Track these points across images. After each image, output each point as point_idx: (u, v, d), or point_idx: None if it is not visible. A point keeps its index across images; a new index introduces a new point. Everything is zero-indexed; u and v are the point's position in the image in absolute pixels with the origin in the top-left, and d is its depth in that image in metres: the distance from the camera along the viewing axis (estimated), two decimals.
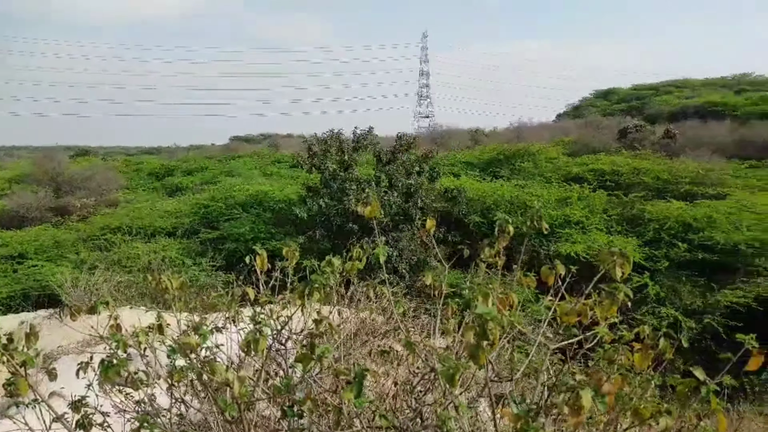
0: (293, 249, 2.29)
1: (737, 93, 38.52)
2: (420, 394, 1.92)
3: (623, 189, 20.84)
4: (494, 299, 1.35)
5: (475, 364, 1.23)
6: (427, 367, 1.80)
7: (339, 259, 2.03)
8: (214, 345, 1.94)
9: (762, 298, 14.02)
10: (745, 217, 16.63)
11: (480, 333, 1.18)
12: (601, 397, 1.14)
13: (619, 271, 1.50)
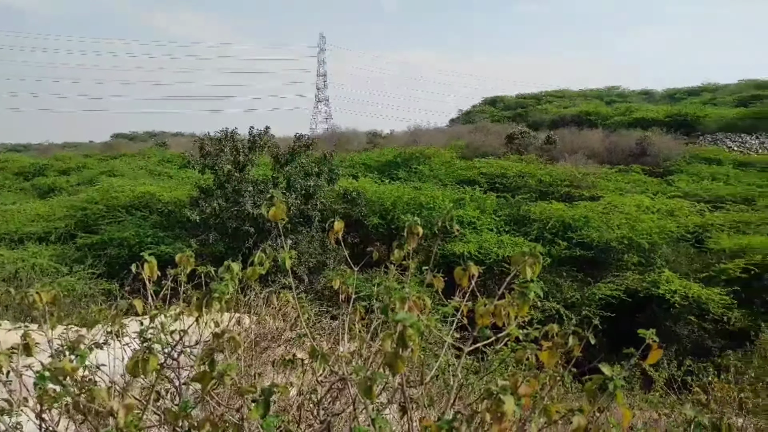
0: (188, 255, 2.10)
1: (608, 104, 42.66)
2: (327, 404, 1.84)
3: (511, 191, 22.17)
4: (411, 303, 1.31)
5: (393, 373, 1.18)
6: (335, 376, 1.73)
7: (238, 265, 1.89)
8: (94, 365, 1.71)
9: (630, 290, 15.57)
10: (616, 217, 18.34)
11: (399, 340, 1.13)
12: (518, 400, 1.14)
13: (530, 270, 1.53)
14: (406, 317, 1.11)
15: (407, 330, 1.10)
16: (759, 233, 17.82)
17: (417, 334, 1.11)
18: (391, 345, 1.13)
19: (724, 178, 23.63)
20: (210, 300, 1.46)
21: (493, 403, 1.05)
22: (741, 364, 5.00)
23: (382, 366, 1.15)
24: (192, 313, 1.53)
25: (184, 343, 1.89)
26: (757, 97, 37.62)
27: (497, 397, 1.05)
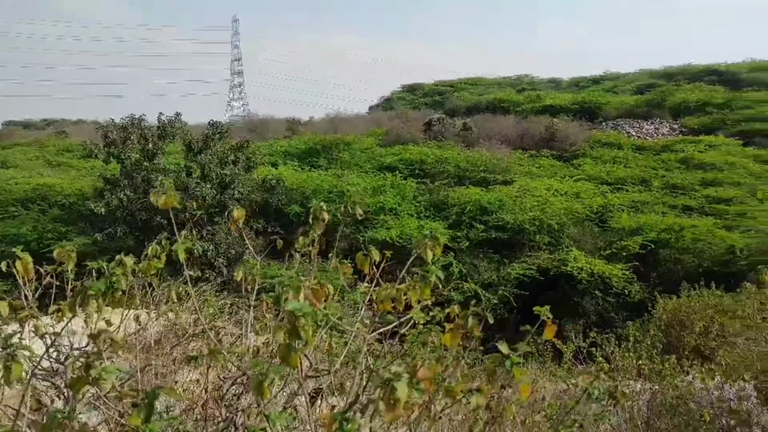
0: (68, 250, 1.91)
1: (519, 91, 44.47)
2: (233, 400, 1.75)
3: (430, 177, 22.61)
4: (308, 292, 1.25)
5: (287, 366, 1.11)
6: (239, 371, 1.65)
7: (132, 258, 1.74)
8: None
9: (542, 268, 16.43)
10: (528, 200, 19.22)
11: (292, 331, 1.07)
12: (417, 384, 1.11)
13: (431, 253, 1.52)
14: (297, 307, 1.05)
15: (300, 320, 1.04)
16: (654, 212, 19.36)
17: (311, 325, 1.06)
18: (284, 337, 1.08)
19: (624, 161, 25.35)
20: (86, 298, 1.32)
21: (387, 390, 1.02)
22: (638, 333, 5.41)
23: None
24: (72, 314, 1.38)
25: (72, 346, 1.72)
26: (651, 86, 40.71)
27: (390, 384, 1.02)
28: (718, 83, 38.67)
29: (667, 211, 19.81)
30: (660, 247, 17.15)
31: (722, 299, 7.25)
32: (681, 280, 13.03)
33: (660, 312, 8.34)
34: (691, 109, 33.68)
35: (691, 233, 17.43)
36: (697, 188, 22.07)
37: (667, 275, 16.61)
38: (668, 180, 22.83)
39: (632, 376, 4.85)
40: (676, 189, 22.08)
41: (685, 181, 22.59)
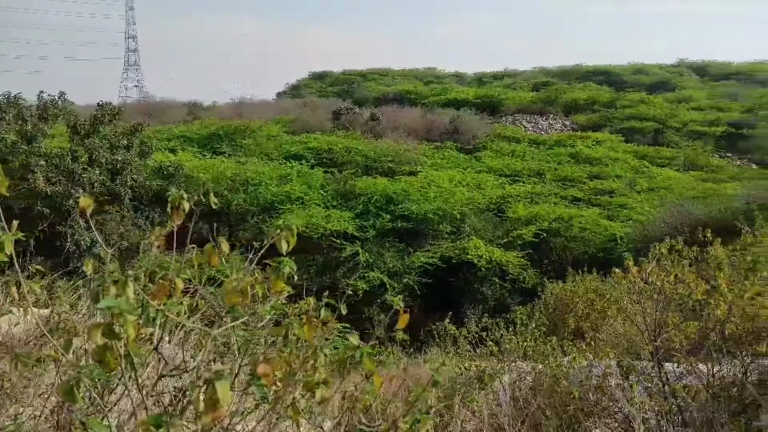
0: None
1: (426, 84, 45.51)
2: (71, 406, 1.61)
3: (338, 166, 22.55)
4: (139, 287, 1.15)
5: (105, 369, 1.02)
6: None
7: None
8: None
9: (445, 257, 16.99)
10: (432, 191, 19.74)
11: (108, 332, 0.98)
12: (258, 380, 1.07)
13: (285, 244, 1.46)
14: (112, 304, 0.96)
15: (119, 318, 0.95)
16: (547, 202, 20.65)
17: (132, 324, 0.97)
18: (98, 336, 0.98)
19: (521, 154, 26.76)
20: None
21: (208, 389, 0.96)
22: (525, 317, 5.74)
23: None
24: None
25: None
26: (546, 84, 43.34)
27: (211, 384, 0.97)
28: (605, 83, 41.91)
29: (558, 201, 21.20)
30: (552, 235, 18.31)
31: (602, 284, 7.89)
32: (569, 266, 14.01)
33: (547, 296, 8.92)
34: (581, 107, 36.24)
35: (578, 223, 18.74)
36: (584, 181, 23.82)
37: (557, 262, 17.78)
38: (560, 173, 24.42)
39: (519, 358, 5.10)
40: (566, 181, 23.69)
41: (575, 174, 24.29)
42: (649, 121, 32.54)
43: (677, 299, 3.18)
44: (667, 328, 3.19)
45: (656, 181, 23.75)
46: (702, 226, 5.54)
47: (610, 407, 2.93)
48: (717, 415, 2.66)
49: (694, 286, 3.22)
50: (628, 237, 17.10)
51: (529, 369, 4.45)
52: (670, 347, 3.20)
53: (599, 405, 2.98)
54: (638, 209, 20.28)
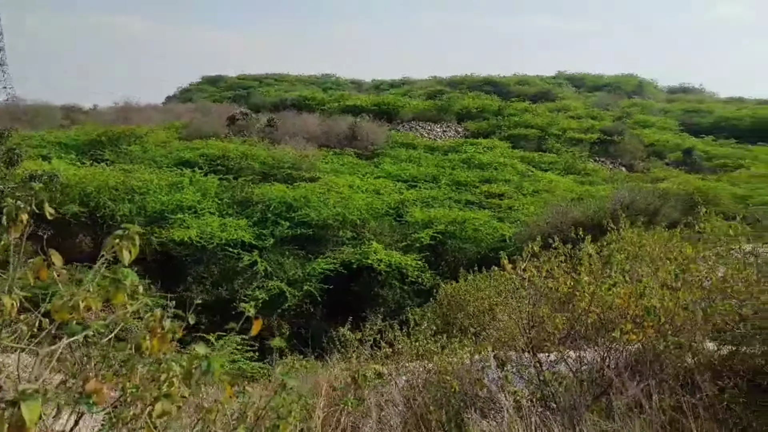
0: None
1: (324, 90, 45.54)
2: None
3: (233, 173, 21.84)
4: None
5: None
6: None
7: None
8: None
9: (346, 262, 17.04)
10: (332, 197, 19.75)
11: None
12: (88, 398, 1.01)
13: (126, 254, 1.39)
14: None
15: None
16: (442, 206, 21.46)
17: None
18: None
19: (418, 160, 27.58)
20: None
21: (12, 411, 0.90)
22: (417, 317, 5.92)
23: None
24: None
25: None
26: (440, 92, 45.13)
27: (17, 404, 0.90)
28: (493, 93, 44.44)
29: (453, 205, 22.10)
30: (447, 237, 19.02)
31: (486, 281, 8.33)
32: (463, 266, 14.63)
33: (441, 296, 9.26)
34: (472, 115, 38.12)
35: (472, 225, 19.65)
36: (477, 185, 25.06)
37: (453, 262, 18.49)
38: (454, 177, 25.49)
39: (412, 358, 5.23)
40: (460, 185, 24.79)
41: (468, 179, 25.47)
42: (533, 129, 34.95)
43: (547, 293, 3.45)
44: (539, 320, 3.45)
45: (540, 184, 25.51)
46: (578, 225, 6.05)
47: (487, 398, 3.11)
48: (581, 399, 2.92)
49: (562, 280, 3.50)
50: (516, 236, 18.18)
51: (421, 369, 4.58)
52: (543, 338, 3.46)
53: (478, 396, 3.16)
54: (525, 210, 21.67)
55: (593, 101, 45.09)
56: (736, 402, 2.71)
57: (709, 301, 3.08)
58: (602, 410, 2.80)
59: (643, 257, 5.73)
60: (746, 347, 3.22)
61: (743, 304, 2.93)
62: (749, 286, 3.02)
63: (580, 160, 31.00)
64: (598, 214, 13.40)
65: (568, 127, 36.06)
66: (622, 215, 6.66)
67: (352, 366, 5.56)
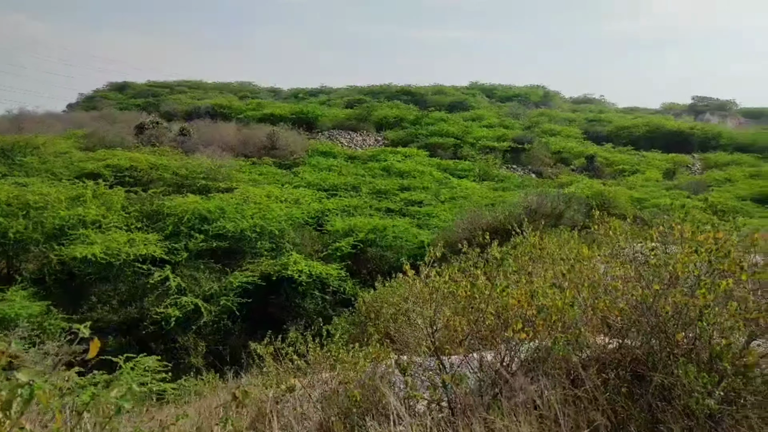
0: None
1: (241, 98, 44.45)
2: None
3: (142, 185, 20.73)
4: None
5: None
6: None
7: None
8: None
9: (265, 274, 16.64)
10: (249, 208, 19.23)
11: None
12: None
13: None
14: None
15: None
16: (363, 215, 21.57)
17: None
18: None
19: (338, 169, 27.58)
20: None
21: None
22: (331, 328, 5.87)
23: None
24: None
25: None
26: (359, 101, 45.47)
27: None
28: (411, 102, 45.37)
29: (373, 213, 22.28)
30: (368, 245, 19.13)
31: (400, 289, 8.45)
32: (384, 273, 14.75)
33: (359, 304, 9.27)
34: (391, 124, 38.70)
35: (392, 232, 19.89)
36: (396, 193, 25.44)
37: (374, 270, 18.61)
38: (374, 186, 25.72)
39: (324, 368, 5.17)
40: (380, 194, 25.05)
41: (388, 187, 25.79)
42: (449, 137, 36.01)
43: (448, 296, 3.53)
44: (442, 323, 3.53)
45: (456, 191, 26.32)
46: (490, 229, 6.27)
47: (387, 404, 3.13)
48: (479, 400, 3.01)
49: (464, 283, 3.60)
50: (433, 242, 18.60)
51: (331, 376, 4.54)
52: (446, 341, 3.54)
53: (379, 403, 3.17)
54: (442, 217, 22.25)
55: (505, 111, 47.21)
56: (618, 392, 2.91)
57: (593, 298, 3.29)
58: (499, 409, 2.90)
59: (543, 258, 6.02)
60: (629, 340, 3.46)
61: (620, 300, 3.15)
62: (627, 282, 3.26)
63: (493, 167, 32.29)
64: (508, 219, 13.98)
65: (482, 135, 37.49)
66: (525, 219, 6.97)
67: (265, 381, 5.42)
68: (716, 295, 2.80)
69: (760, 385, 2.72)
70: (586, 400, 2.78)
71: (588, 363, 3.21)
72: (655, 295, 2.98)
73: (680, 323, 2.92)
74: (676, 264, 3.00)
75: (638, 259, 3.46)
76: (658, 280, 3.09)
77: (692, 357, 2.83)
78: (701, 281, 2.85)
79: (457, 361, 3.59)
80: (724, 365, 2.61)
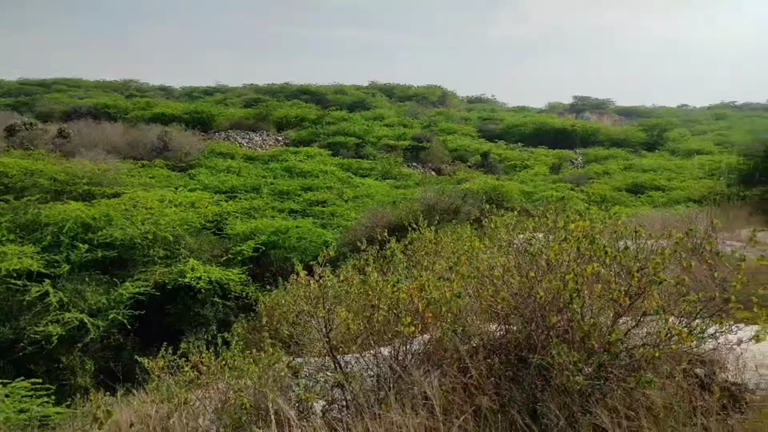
0: None
1: (127, 97, 41.60)
2: None
3: (15, 193, 18.80)
4: None
5: None
6: None
7: None
8: None
9: (159, 283, 15.70)
10: (140, 213, 18.05)
11: None
12: None
13: None
14: None
15: None
16: (264, 216, 21.05)
17: None
18: None
19: (237, 170, 26.73)
20: None
21: None
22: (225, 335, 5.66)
23: None
24: None
25: None
26: (257, 100, 44.37)
27: None
28: (311, 102, 45.05)
29: (276, 215, 21.82)
30: (271, 248, 18.71)
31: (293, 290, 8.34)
32: (289, 275, 14.50)
33: (261, 308, 9.01)
34: (292, 123, 38.16)
35: (296, 233, 19.60)
36: (299, 193, 25.12)
37: (278, 272, 18.24)
38: (276, 187, 25.22)
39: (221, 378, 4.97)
40: (282, 194, 24.61)
41: (290, 187, 25.40)
42: (351, 137, 36.18)
43: (341, 295, 3.53)
44: (337, 322, 3.51)
45: (359, 190, 26.51)
46: (392, 227, 6.34)
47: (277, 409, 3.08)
48: (374, 395, 3.04)
49: (356, 281, 3.60)
50: (338, 242, 18.59)
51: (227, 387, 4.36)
52: (341, 340, 3.54)
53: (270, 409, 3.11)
54: (346, 216, 22.30)
55: (404, 110, 48.29)
56: (503, 376, 3.06)
57: (478, 288, 3.45)
58: (393, 403, 2.94)
59: (440, 253, 6.21)
60: (514, 326, 3.65)
61: (502, 288, 3.33)
62: (506, 272, 3.45)
63: (395, 165, 32.89)
64: (408, 216, 14.29)
65: (383, 134, 38.06)
66: (421, 216, 7.15)
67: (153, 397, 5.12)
68: (584, 279, 3.03)
69: (625, 359, 2.98)
70: (473, 386, 2.90)
71: (476, 351, 3.34)
72: (531, 282, 3.18)
73: (555, 307, 3.13)
74: (549, 252, 3.22)
75: (519, 249, 3.67)
76: (536, 268, 3.30)
77: (567, 338, 3.05)
78: (570, 267, 3.07)
79: (353, 360, 3.59)
80: (592, 343, 2.84)
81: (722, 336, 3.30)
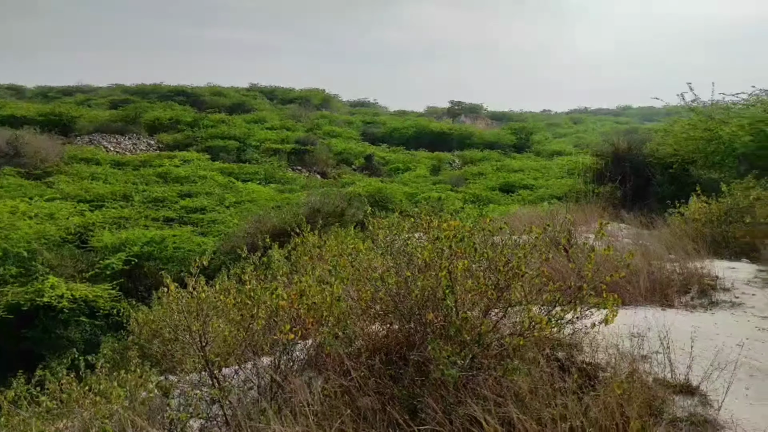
0: None
1: None
2: None
3: None
4: None
5: None
6: None
7: None
8: None
9: (12, 305, 14.00)
10: None
11: None
12: None
13: None
14: None
15: None
16: (137, 226, 19.58)
17: None
18: None
19: (104, 177, 24.64)
20: None
21: None
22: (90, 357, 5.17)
23: None
24: None
25: None
26: (126, 101, 41.17)
27: None
28: (186, 104, 42.78)
29: (149, 224, 20.38)
30: (145, 259, 17.47)
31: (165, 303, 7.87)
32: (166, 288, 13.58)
33: (133, 325, 8.36)
34: (165, 126, 35.94)
35: (172, 243, 18.47)
36: (176, 200, 23.68)
37: (154, 285, 17.05)
38: (149, 194, 23.57)
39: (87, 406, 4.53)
40: (156, 202, 23.05)
41: (165, 194, 23.86)
42: (231, 140, 34.89)
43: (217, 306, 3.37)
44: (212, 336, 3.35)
45: (242, 195, 25.65)
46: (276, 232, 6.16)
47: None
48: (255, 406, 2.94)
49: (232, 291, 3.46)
50: (218, 249, 17.84)
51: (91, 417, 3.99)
52: (220, 353, 3.38)
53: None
54: (228, 222, 21.45)
55: (287, 113, 47.58)
56: (384, 375, 3.12)
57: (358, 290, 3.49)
58: (272, 414, 2.86)
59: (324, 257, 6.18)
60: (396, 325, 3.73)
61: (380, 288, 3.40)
62: (384, 272, 3.52)
63: (279, 169, 32.30)
64: (293, 220, 14.08)
65: (265, 138, 37.18)
66: (304, 220, 7.09)
67: None
68: (455, 275, 3.19)
69: (495, 349, 3.18)
70: (354, 388, 2.91)
71: (359, 353, 3.37)
72: (406, 281, 3.28)
73: (431, 304, 3.26)
74: (423, 252, 3.35)
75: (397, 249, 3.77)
76: (413, 267, 3.41)
77: (443, 333, 3.18)
78: (441, 264, 3.22)
79: (232, 373, 3.45)
80: (464, 337, 2.99)
81: (579, 321, 3.64)
